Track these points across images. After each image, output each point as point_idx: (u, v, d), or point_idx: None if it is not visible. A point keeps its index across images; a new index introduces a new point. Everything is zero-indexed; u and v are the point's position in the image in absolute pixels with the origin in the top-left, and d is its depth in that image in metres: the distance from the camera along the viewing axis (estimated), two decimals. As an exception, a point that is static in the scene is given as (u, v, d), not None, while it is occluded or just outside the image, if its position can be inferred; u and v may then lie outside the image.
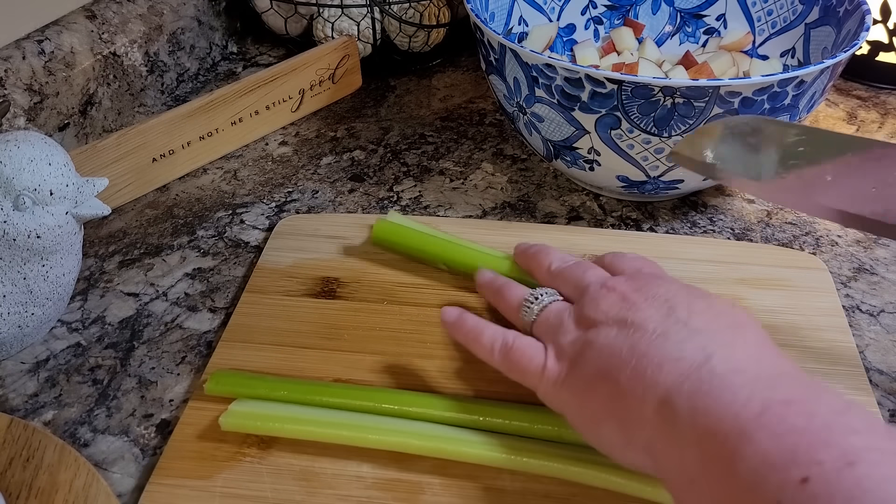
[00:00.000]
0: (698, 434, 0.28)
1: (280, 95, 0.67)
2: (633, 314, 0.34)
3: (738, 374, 0.29)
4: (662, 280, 0.37)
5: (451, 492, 0.38)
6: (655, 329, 0.33)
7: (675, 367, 0.31)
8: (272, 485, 0.38)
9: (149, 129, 0.58)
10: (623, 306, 0.35)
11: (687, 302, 0.34)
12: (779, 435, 0.26)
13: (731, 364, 0.30)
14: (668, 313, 0.34)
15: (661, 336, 0.33)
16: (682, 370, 0.30)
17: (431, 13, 0.73)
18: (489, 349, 0.39)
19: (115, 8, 0.66)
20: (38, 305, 0.45)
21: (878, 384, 0.44)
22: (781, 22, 0.62)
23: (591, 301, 0.37)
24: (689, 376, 0.30)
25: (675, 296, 0.35)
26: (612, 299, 0.36)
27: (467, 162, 0.64)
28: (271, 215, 0.58)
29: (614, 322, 0.35)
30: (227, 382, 0.42)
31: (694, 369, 0.30)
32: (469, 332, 0.40)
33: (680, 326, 0.33)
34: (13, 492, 0.37)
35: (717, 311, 0.34)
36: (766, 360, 0.31)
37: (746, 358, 0.31)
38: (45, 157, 0.42)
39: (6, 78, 0.56)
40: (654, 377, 0.31)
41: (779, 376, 0.29)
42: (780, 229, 0.56)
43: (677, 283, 0.37)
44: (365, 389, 0.42)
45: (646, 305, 0.35)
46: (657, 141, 0.49)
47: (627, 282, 0.37)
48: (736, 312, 0.35)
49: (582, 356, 0.35)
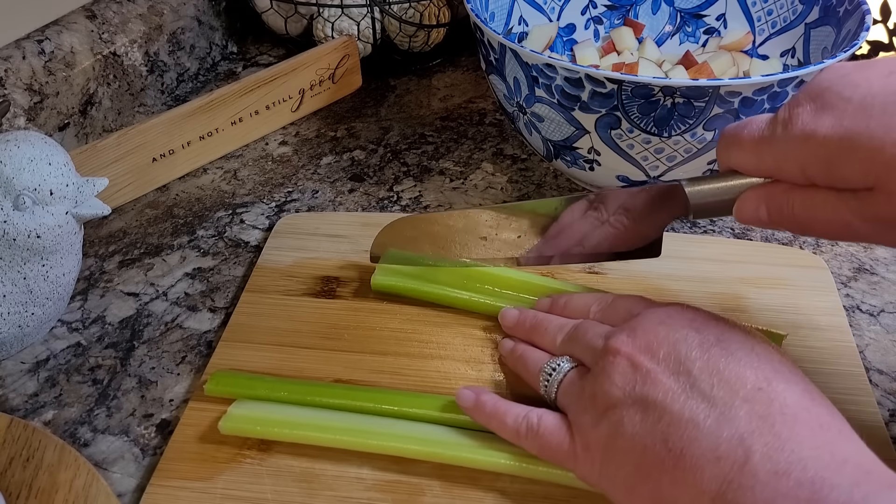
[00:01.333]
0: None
1: (280, 95, 0.67)
2: (652, 390, 0.32)
3: (781, 477, 0.28)
4: (663, 325, 0.35)
5: (451, 493, 0.38)
6: (682, 413, 0.31)
7: (714, 470, 0.29)
8: (272, 486, 0.38)
9: (149, 128, 0.58)
10: (637, 378, 0.33)
11: (704, 359, 0.33)
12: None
13: (773, 462, 0.28)
14: (690, 384, 0.32)
15: (691, 424, 0.31)
16: (722, 474, 0.29)
17: (431, 13, 0.73)
18: (515, 433, 0.37)
19: (115, 8, 0.66)
20: (38, 305, 0.45)
21: (877, 384, 0.44)
22: (781, 22, 0.62)
23: (602, 373, 0.35)
24: (730, 483, 0.28)
25: (687, 351, 0.33)
26: (622, 368, 0.34)
27: (467, 162, 0.64)
28: (271, 215, 0.58)
29: (634, 403, 0.33)
30: (226, 383, 0.42)
31: (735, 473, 0.29)
32: (491, 416, 0.38)
33: (707, 405, 0.31)
34: (13, 491, 0.37)
35: (739, 362, 0.32)
36: (807, 442, 0.29)
37: (786, 445, 0.29)
38: (45, 156, 0.42)
39: (6, 78, 0.56)
40: (697, 485, 0.29)
41: (823, 480, 0.27)
42: (780, 229, 0.56)
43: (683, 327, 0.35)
44: (365, 390, 0.42)
45: (662, 374, 0.33)
46: (657, 141, 0.49)
47: (631, 339, 0.35)
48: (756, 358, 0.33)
49: (612, 448, 0.33)
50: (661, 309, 0.37)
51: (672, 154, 0.50)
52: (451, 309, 0.48)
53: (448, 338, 0.46)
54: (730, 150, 0.36)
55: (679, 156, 0.50)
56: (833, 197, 0.33)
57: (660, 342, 0.34)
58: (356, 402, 0.41)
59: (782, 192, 0.35)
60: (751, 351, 0.33)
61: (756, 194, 0.36)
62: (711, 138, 0.48)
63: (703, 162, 0.50)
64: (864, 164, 0.31)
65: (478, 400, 0.39)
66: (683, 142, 0.48)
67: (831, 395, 0.42)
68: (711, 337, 0.34)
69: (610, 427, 0.34)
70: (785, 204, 0.34)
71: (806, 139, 0.32)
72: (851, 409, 0.42)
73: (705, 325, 0.35)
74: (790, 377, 0.32)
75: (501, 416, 0.38)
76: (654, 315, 0.37)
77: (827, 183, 0.33)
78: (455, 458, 0.38)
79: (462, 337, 0.46)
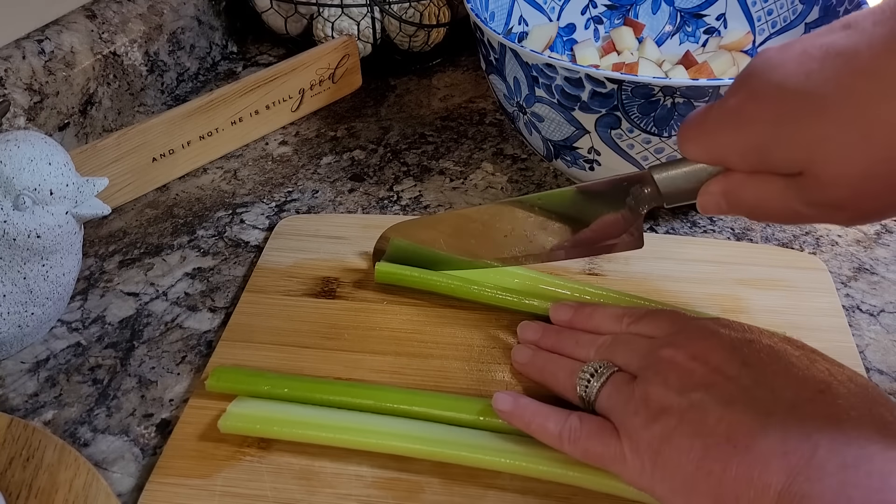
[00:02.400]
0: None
1: (280, 95, 0.67)
2: (710, 393, 0.33)
3: (850, 469, 0.28)
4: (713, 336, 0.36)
5: (450, 490, 0.38)
6: (745, 411, 0.31)
7: (783, 463, 0.29)
8: (272, 484, 0.38)
9: (149, 128, 0.58)
10: (691, 383, 0.33)
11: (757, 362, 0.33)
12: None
13: (841, 456, 0.28)
14: (750, 387, 0.32)
15: (757, 422, 0.31)
16: (790, 466, 0.29)
17: (431, 13, 0.73)
18: (557, 437, 0.37)
19: (115, 7, 0.66)
20: (38, 305, 0.45)
21: (878, 384, 0.44)
22: (781, 21, 0.62)
23: (655, 376, 0.35)
24: (797, 475, 0.29)
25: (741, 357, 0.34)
26: (676, 375, 0.34)
27: (467, 162, 0.64)
28: (271, 215, 0.58)
29: (691, 405, 0.33)
30: (228, 379, 0.42)
31: (803, 465, 0.29)
32: (531, 420, 0.38)
33: (770, 404, 0.31)
34: (13, 491, 0.37)
35: (793, 367, 0.33)
36: (873, 436, 0.29)
37: (853, 442, 0.29)
38: (45, 156, 0.42)
39: (6, 78, 0.56)
40: (764, 478, 0.29)
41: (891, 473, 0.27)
42: (780, 229, 0.56)
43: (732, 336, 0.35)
44: (366, 387, 0.42)
45: (715, 378, 0.33)
46: (657, 141, 0.49)
47: (683, 348, 0.35)
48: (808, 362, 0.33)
49: (668, 449, 0.33)
50: (705, 322, 0.38)
51: (672, 154, 0.50)
52: (452, 308, 0.48)
53: (448, 337, 0.46)
54: (684, 142, 0.36)
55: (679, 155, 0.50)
56: (778, 184, 0.33)
57: (709, 350, 0.35)
58: (358, 399, 0.41)
59: (737, 182, 0.35)
60: (804, 357, 0.34)
61: (715, 186, 0.36)
62: (711, 138, 0.48)
63: (702, 162, 0.50)
64: (786, 150, 0.31)
65: (516, 404, 0.38)
66: (683, 142, 0.48)
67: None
68: (761, 344, 0.34)
69: (665, 429, 0.33)
70: (739, 193, 0.35)
71: (737, 128, 0.33)
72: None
73: (748, 332, 0.35)
74: (848, 377, 0.33)
75: (543, 420, 0.37)
76: (700, 328, 0.37)
77: (765, 169, 0.33)
78: (455, 457, 0.38)
79: (462, 336, 0.46)
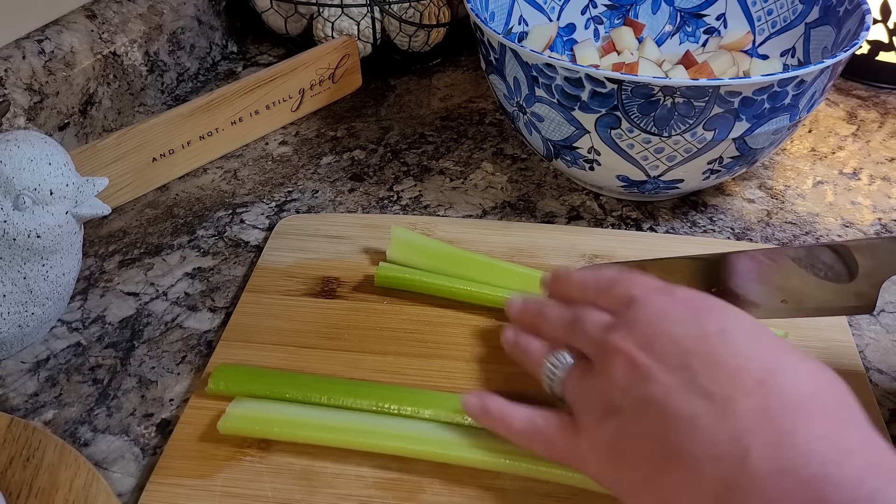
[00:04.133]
0: None
1: (280, 95, 0.67)
2: (651, 389, 0.31)
3: (783, 476, 0.26)
4: (663, 317, 0.34)
5: (451, 491, 0.38)
6: (681, 411, 0.30)
7: (713, 471, 0.28)
8: (272, 484, 0.38)
9: (149, 128, 0.58)
10: (635, 377, 0.32)
11: (704, 352, 0.31)
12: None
13: (773, 461, 0.27)
14: (690, 380, 0.30)
15: (690, 423, 0.30)
16: (720, 476, 0.28)
17: (431, 13, 0.73)
18: (523, 436, 0.37)
19: (115, 7, 0.66)
20: (38, 305, 0.45)
21: (878, 384, 0.44)
22: (781, 21, 0.62)
23: (602, 372, 0.34)
24: (728, 488, 0.28)
25: (686, 344, 0.32)
26: (621, 367, 0.33)
27: (467, 161, 0.64)
28: (271, 215, 0.58)
29: (634, 404, 0.32)
30: (229, 378, 0.42)
31: (734, 475, 0.27)
32: (498, 421, 0.38)
33: (705, 401, 0.30)
34: (13, 491, 0.37)
35: (741, 355, 0.31)
36: (810, 432, 0.27)
37: (786, 441, 0.27)
38: (45, 156, 0.42)
39: (6, 77, 0.56)
40: (698, 486, 0.29)
41: (826, 476, 0.26)
42: (780, 229, 0.56)
43: (682, 310, 0.34)
44: (366, 387, 0.42)
45: (661, 372, 0.32)
46: (657, 140, 0.49)
47: (630, 334, 0.34)
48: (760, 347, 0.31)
49: (617, 450, 0.33)
50: (663, 297, 0.35)
51: (672, 154, 0.50)
52: (452, 308, 0.48)
53: (449, 337, 0.46)
54: None
55: (679, 155, 0.50)
56: None
57: (659, 336, 0.33)
58: (358, 399, 0.41)
59: None
60: (755, 340, 0.32)
61: None
62: (711, 138, 0.48)
63: (702, 162, 0.50)
64: None
65: (483, 406, 0.38)
66: (683, 141, 0.48)
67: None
68: (713, 327, 0.32)
69: (613, 429, 0.33)
70: None
71: None
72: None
73: (708, 313, 0.33)
74: (797, 365, 0.30)
75: (508, 420, 0.37)
76: (655, 304, 0.35)
77: None
78: (455, 457, 0.38)
79: (463, 336, 0.46)
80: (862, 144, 0.66)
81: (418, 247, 0.50)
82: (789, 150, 0.65)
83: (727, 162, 0.51)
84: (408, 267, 0.50)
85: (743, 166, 0.53)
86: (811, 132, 0.67)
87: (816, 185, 0.61)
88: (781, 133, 0.51)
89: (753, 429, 0.28)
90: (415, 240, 0.51)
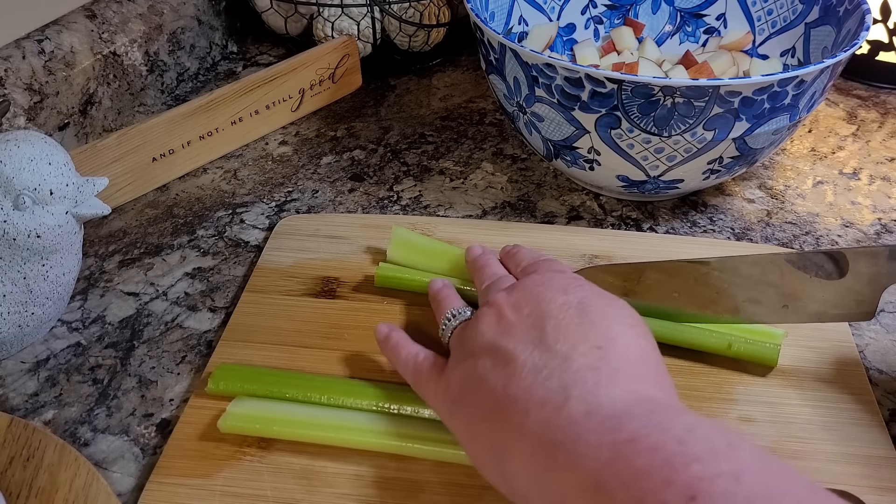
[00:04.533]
0: (562, 489, 0.29)
1: (280, 95, 0.67)
2: (506, 340, 0.35)
3: (593, 415, 0.30)
4: (542, 286, 0.37)
5: (449, 490, 0.38)
6: (525, 362, 0.33)
7: (539, 413, 0.31)
8: (272, 483, 0.38)
9: (149, 128, 0.58)
10: (499, 328, 0.36)
11: (559, 317, 0.35)
12: (627, 484, 0.26)
13: (587, 403, 0.30)
14: (539, 337, 0.34)
15: (530, 372, 0.33)
16: (544, 418, 0.31)
17: (431, 13, 0.73)
18: (403, 365, 0.41)
19: (115, 7, 0.66)
20: (38, 305, 0.45)
21: (878, 384, 0.44)
22: (781, 21, 0.62)
23: (475, 321, 0.38)
24: (549, 425, 0.31)
25: (547, 310, 0.35)
26: (489, 318, 0.37)
27: (467, 161, 0.64)
28: (271, 215, 0.58)
29: (490, 350, 0.35)
30: (229, 378, 0.42)
31: (554, 415, 0.31)
32: (392, 349, 0.42)
33: (548, 356, 0.33)
34: (13, 491, 0.37)
35: (591, 324, 0.34)
36: (622, 385, 0.31)
37: (602, 390, 0.31)
38: (45, 156, 0.42)
39: (6, 77, 0.56)
40: (522, 426, 0.32)
41: (626, 412, 0.30)
42: (780, 229, 0.56)
43: (556, 289, 0.37)
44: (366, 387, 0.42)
45: (519, 327, 0.35)
46: (657, 140, 0.49)
47: (508, 294, 0.38)
48: (609, 323, 0.35)
49: (464, 390, 0.36)
50: (550, 273, 0.40)
51: (672, 154, 0.50)
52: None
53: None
54: None
55: (679, 155, 0.50)
56: None
57: (528, 300, 0.37)
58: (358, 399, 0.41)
59: None
60: (606, 316, 0.35)
61: None
62: (711, 138, 0.48)
63: (702, 162, 0.50)
64: None
65: (387, 335, 0.42)
66: (683, 141, 0.48)
67: (831, 395, 0.43)
68: (574, 300, 0.36)
69: (466, 370, 0.36)
70: None
71: None
72: (851, 409, 0.42)
73: (576, 289, 0.37)
74: (632, 339, 0.34)
75: (398, 350, 0.41)
76: (538, 276, 0.39)
77: None
78: (455, 457, 0.38)
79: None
80: (862, 144, 0.66)
81: (418, 247, 0.50)
82: (789, 150, 0.65)
83: (727, 162, 0.51)
84: (408, 267, 0.50)
85: (743, 166, 0.53)
86: (811, 132, 0.67)
87: (816, 185, 0.61)
88: (781, 133, 0.51)
89: (578, 381, 0.32)
90: (415, 240, 0.51)
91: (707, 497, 0.24)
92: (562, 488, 0.29)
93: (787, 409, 0.42)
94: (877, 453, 0.40)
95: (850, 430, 0.41)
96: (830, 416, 0.41)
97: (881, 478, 0.38)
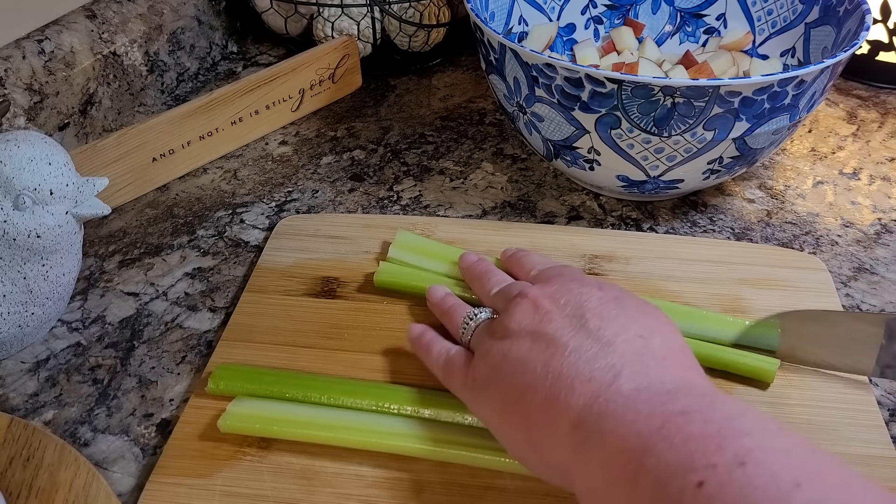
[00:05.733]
0: (606, 455, 0.29)
1: (280, 95, 0.67)
2: (546, 326, 0.35)
3: (643, 391, 0.30)
4: (574, 282, 0.38)
5: (451, 490, 0.38)
6: (568, 344, 0.34)
7: (586, 388, 0.32)
8: (272, 483, 0.38)
9: (149, 128, 0.58)
10: (536, 316, 0.36)
11: (598, 308, 0.35)
12: (676, 445, 0.27)
13: (637, 382, 0.31)
14: (580, 324, 0.35)
15: (574, 353, 0.33)
16: (592, 391, 0.31)
17: (431, 13, 0.73)
18: (435, 362, 0.41)
19: (115, 7, 0.66)
20: (38, 305, 0.45)
21: (878, 384, 0.44)
22: (781, 21, 0.62)
23: (506, 312, 0.38)
24: (597, 397, 0.31)
25: (586, 301, 0.36)
26: (525, 308, 0.37)
27: (467, 161, 0.64)
28: (271, 215, 0.58)
29: (528, 334, 0.36)
30: (229, 378, 0.42)
31: (603, 390, 0.31)
32: (424, 347, 0.42)
33: (591, 341, 0.34)
34: (13, 491, 0.37)
35: (629, 317, 0.35)
36: (670, 371, 0.32)
37: (651, 372, 0.32)
38: (45, 156, 0.42)
39: (6, 77, 0.56)
40: (567, 400, 0.32)
41: (677, 390, 0.30)
42: (780, 229, 0.56)
43: (590, 285, 0.38)
44: (367, 387, 0.42)
45: (558, 315, 0.36)
46: (657, 140, 0.49)
47: (541, 288, 0.38)
48: (646, 318, 0.35)
49: (497, 371, 0.36)
50: (579, 272, 0.41)
51: (672, 154, 0.50)
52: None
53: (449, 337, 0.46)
54: None
55: (679, 155, 0.50)
56: None
57: (564, 292, 0.37)
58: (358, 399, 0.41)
59: None
60: (643, 312, 0.36)
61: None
62: (711, 138, 0.48)
63: (702, 162, 0.50)
64: None
65: (420, 335, 0.43)
66: (683, 141, 0.48)
67: (831, 395, 0.43)
68: (610, 295, 0.37)
69: (499, 352, 0.36)
70: None
71: None
72: (851, 409, 0.42)
73: (610, 288, 0.38)
74: (673, 335, 0.35)
75: (430, 347, 0.42)
76: (570, 272, 0.40)
77: None
78: (455, 457, 0.38)
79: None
80: (862, 144, 0.66)
81: (418, 248, 0.50)
82: (789, 150, 0.65)
83: (727, 162, 0.51)
84: (408, 267, 0.50)
85: (743, 166, 0.53)
86: (811, 132, 0.67)
87: (816, 185, 0.61)
88: (781, 133, 0.51)
89: (626, 363, 0.32)
90: (416, 241, 0.51)
91: (758, 464, 0.25)
92: (606, 453, 0.29)
93: (787, 409, 0.42)
94: (877, 453, 0.40)
95: (850, 430, 0.41)
96: (830, 416, 0.42)
97: (881, 478, 0.38)
